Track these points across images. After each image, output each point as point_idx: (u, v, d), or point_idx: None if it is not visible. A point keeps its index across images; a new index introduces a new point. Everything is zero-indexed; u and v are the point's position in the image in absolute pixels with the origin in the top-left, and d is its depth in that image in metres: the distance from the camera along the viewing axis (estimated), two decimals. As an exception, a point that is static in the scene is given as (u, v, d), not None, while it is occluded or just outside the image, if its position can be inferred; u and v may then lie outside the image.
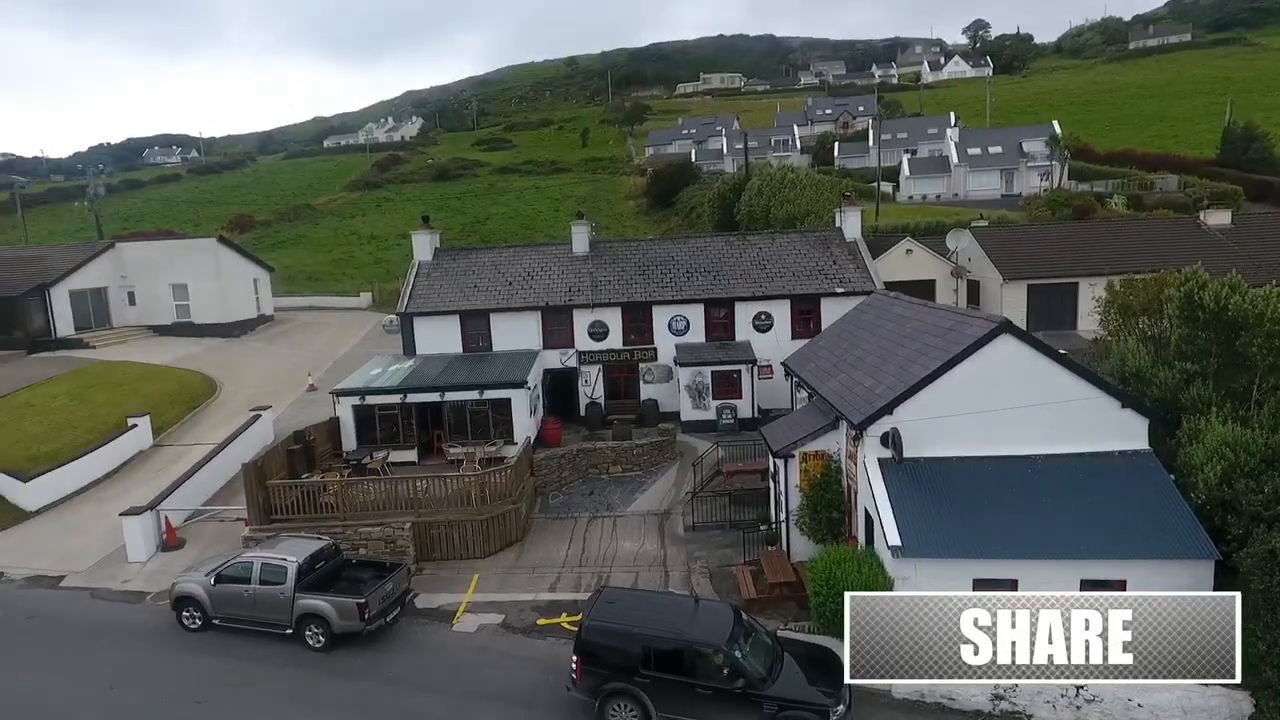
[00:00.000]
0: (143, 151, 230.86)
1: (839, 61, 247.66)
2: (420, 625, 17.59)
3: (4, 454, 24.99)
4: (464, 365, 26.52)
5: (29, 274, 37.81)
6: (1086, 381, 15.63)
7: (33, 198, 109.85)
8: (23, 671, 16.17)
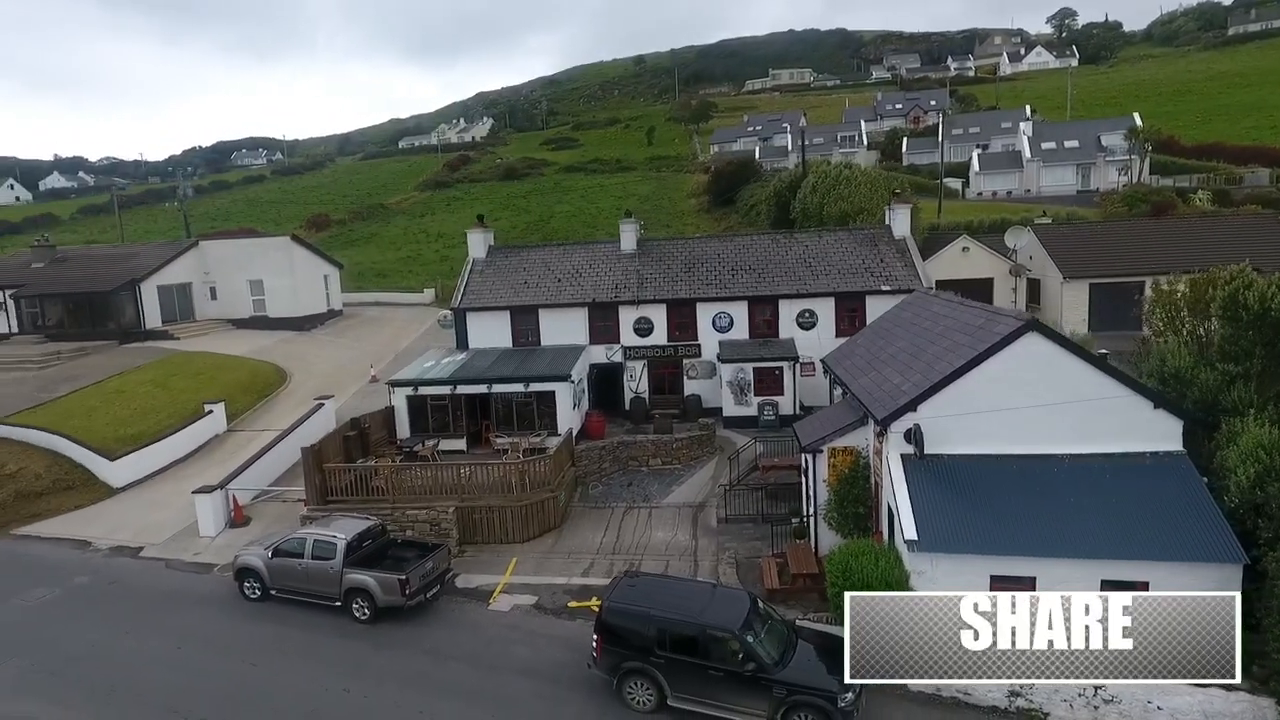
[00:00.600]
0: (231, 154, 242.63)
1: (913, 54, 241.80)
2: (459, 603, 18.57)
3: (95, 435, 27.22)
4: (512, 359, 27.55)
5: (122, 270, 40.76)
6: (1117, 381, 15.41)
7: (131, 199, 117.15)
8: (102, 630, 17.80)
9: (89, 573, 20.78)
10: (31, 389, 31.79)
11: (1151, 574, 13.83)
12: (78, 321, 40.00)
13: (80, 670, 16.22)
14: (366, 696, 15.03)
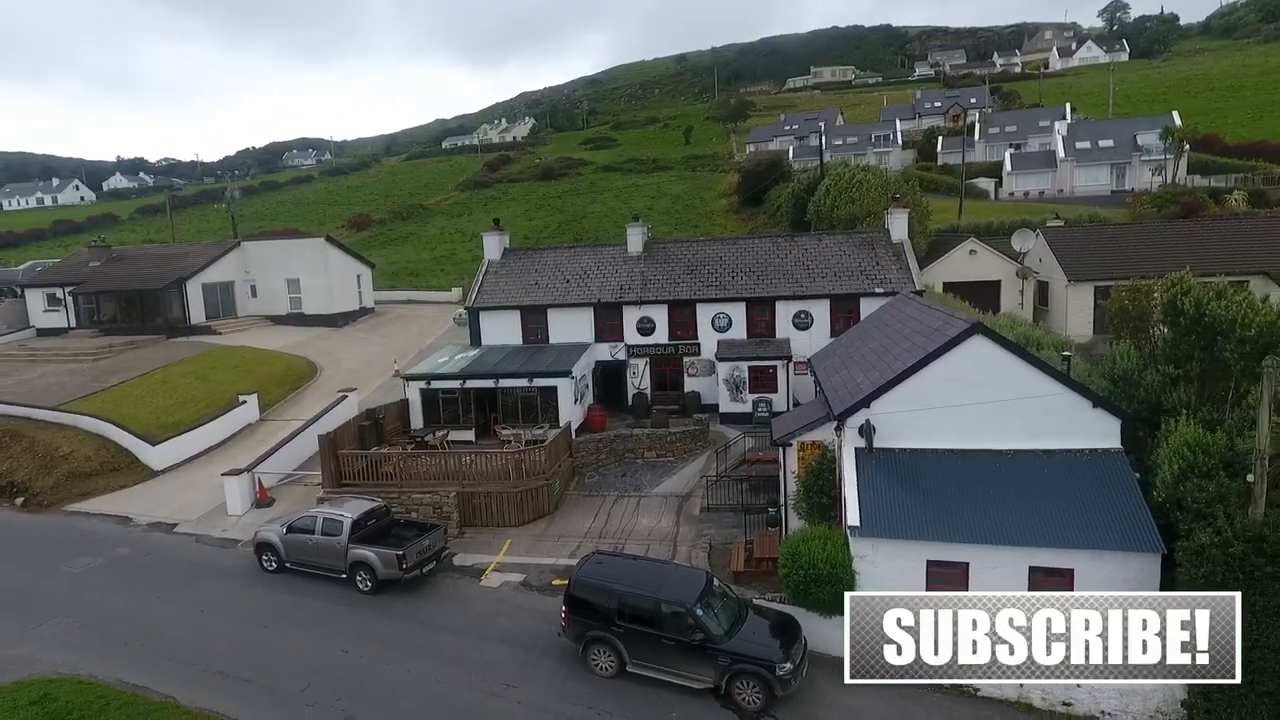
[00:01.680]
0: (283, 155, 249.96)
1: (959, 50, 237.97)
2: (454, 579, 20.25)
3: (139, 422, 29.64)
4: (519, 356, 29.20)
5: (170, 270, 43.57)
6: (1058, 382, 16.34)
7: (185, 199, 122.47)
8: (137, 594, 19.90)
9: (128, 545, 23.00)
10: (86, 379, 34.46)
11: (1076, 562, 14.80)
12: (129, 317, 42.93)
13: (116, 628, 18.29)
14: (362, 657, 16.76)
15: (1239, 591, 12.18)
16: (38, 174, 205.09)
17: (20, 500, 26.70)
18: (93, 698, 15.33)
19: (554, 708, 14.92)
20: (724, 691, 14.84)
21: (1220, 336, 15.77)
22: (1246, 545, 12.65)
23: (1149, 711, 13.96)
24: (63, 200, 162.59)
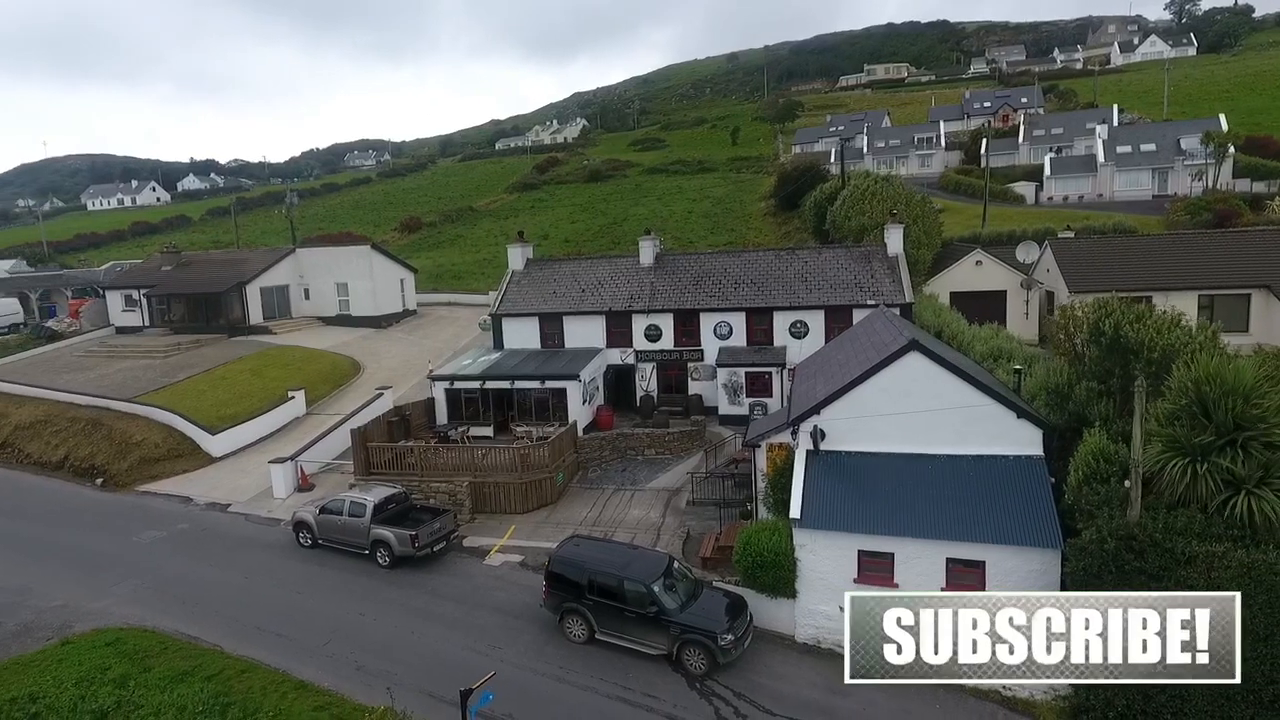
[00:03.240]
0: (344, 156, 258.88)
1: (1018, 46, 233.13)
2: (462, 558, 23.05)
3: (202, 414, 33.33)
4: (535, 359, 31.91)
5: (232, 274, 47.67)
6: (985, 394, 18.21)
7: (250, 201, 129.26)
8: (194, 563, 23.22)
9: (188, 521, 26.48)
10: (157, 374, 38.48)
11: (987, 555, 16.74)
12: (195, 317, 47.15)
13: (175, 590, 21.57)
14: (376, 619, 19.65)
15: (1238, 591, 12.04)
16: (119, 175, 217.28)
17: (100, 481, 30.55)
18: (154, 643, 18.53)
19: (530, 666, 17.52)
20: (675, 658, 17.25)
21: (1133, 356, 17.43)
22: (1118, 543, 14.49)
23: (1043, 687, 15.82)
24: (140, 201, 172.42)
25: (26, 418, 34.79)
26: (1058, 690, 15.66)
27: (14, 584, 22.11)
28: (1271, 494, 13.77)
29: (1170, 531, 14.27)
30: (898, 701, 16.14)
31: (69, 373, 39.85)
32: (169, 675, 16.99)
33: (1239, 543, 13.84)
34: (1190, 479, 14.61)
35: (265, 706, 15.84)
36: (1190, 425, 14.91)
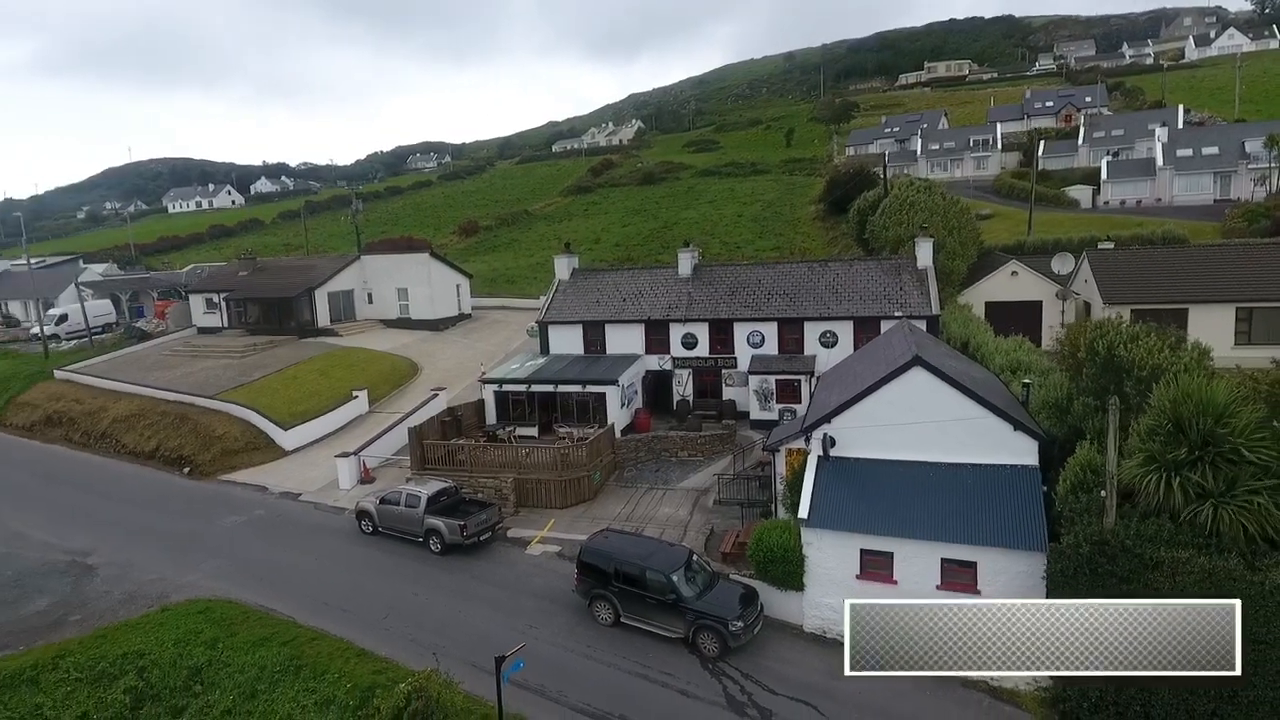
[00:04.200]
0: (407, 158, 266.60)
1: (1087, 41, 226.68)
2: (506, 547, 25.32)
3: (275, 411, 36.47)
4: (578, 364, 34.06)
5: (302, 279, 51.18)
6: (984, 407, 19.56)
7: (318, 205, 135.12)
8: (270, 546, 26.05)
9: (264, 508, 29.43)
10: (235, 373, 41.92)
11: (979, 556, 18.15)
12: (269, 320, 50.78)
13: (253, 569, 24.37)
14: (427, 599, 22.04)
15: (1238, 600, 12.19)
16: (197, 179, 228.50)
17: (186, 470, 33.87)
18: (237, 613, 21.25)
19: (562, 644, 19.63)
20: (691, 641, 19.13)
21: (1125, 374, 18.57)
22: (1092, 547, 15.82)
23: (1026, 679, 17.19)
24: (217, 204, 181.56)
25: (123, 411, 38.53)
26: (1039, 682, 17.02)
27: (120, 559, 25.30)
28: (1234, 506, 14.91)
29: (1140, 538, 15.53)
30: (893, 687, 17.69)
31: (158, 370, 43.67)
32: (251, 640, 19.64)
33: (1202, 550, 15.04)
34: (1164, 491, 15.82)
35: (332, 669, 18.30)
36: (1166, 441, 16.09)
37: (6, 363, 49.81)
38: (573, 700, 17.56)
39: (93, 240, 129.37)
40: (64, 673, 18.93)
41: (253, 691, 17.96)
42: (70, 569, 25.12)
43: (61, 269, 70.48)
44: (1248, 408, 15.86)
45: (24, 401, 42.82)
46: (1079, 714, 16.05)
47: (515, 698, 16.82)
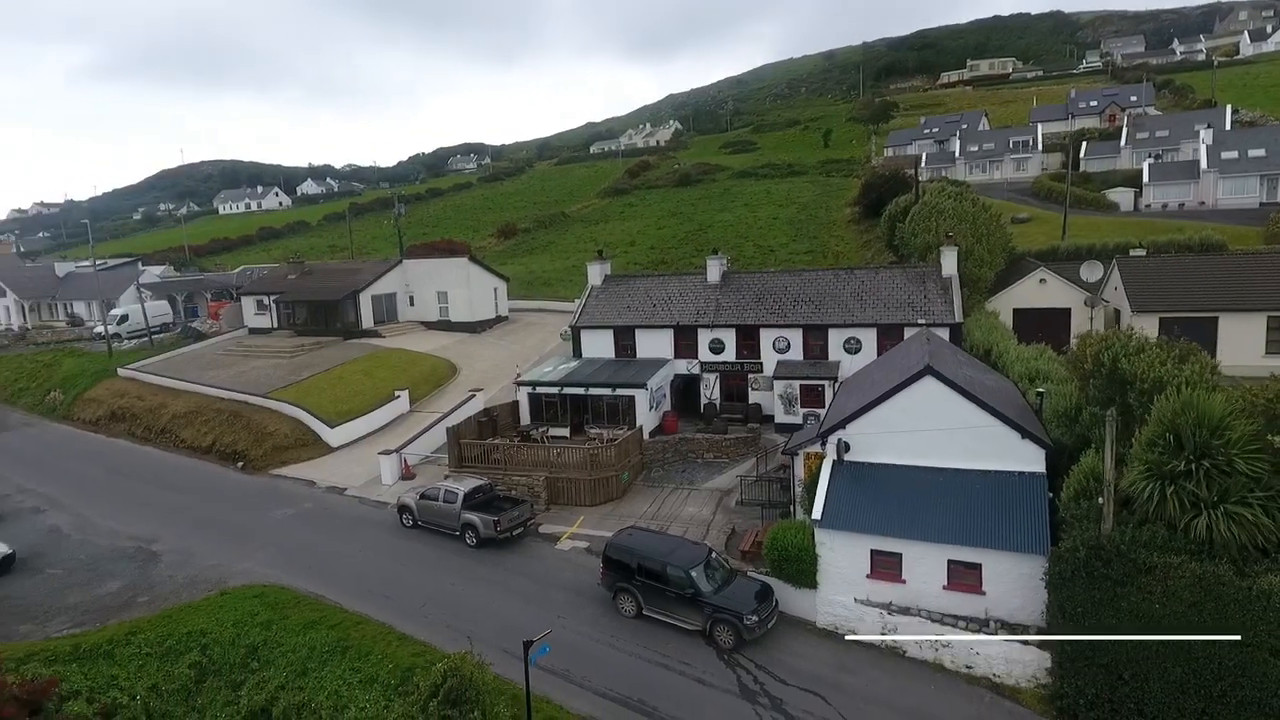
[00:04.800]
0: (448, 160, 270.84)
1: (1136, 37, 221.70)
2: (537, 542, 26.71)
3: (322, 409, 38.43)
4: (608, 368, 35.35)
5: (348, 283, 53.33)
6: (993, 416, 20.34)
7: (362, 207, 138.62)
8: (317, 536, 27.79)
9: (312, 501, 31.28)
10: (285, 372, 44.10)
11: (983, 558, 19.00)
12: (316, 321, 53.04)
13: (303, 558, 26.11)
14: (463, 589, 23.51)
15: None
16: (245, 181, 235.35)
17: (240, 464, 35.96)
18: (289, 598, 22.95)
19: (587, 634, 20.93)
20: (708, 633, 20.27)
21: (1128, 386, 19.21)
22: (1088, 551, 16.60)
23: (1027, 676, 18.01)
24: (265, 205, 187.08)
25: (181, 408, 40.89)
26: (1039, 679, 17.82)
27: (182, 546, 27.29)
28: (1225, 515, 15.58)
29: (1135, 544, 16.28)
30: (898, 681, 18.70)
31: (213, 369, 46.08)
32: (302, 622, 21.30)
33: (1194, 556, 15.74)
34: (1161, 499, 16.53)
35: (375, 651, 19.84)
36: (1164, 451, 16.78)
37: (74, 360, 52.85)
38: (596, 685, 18.84)
39: (149, 241, 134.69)
40: (136, 648, 20.77)
41: (304, 669, 19.56)
42: (137, 555, 27.17)
43: (122, 271, 73.95)
44: (1244, 421, 16.47)
45: (90, 398, 45.57)
46: (1076, 710, 16.82)
47: (543, 681, 18.18)
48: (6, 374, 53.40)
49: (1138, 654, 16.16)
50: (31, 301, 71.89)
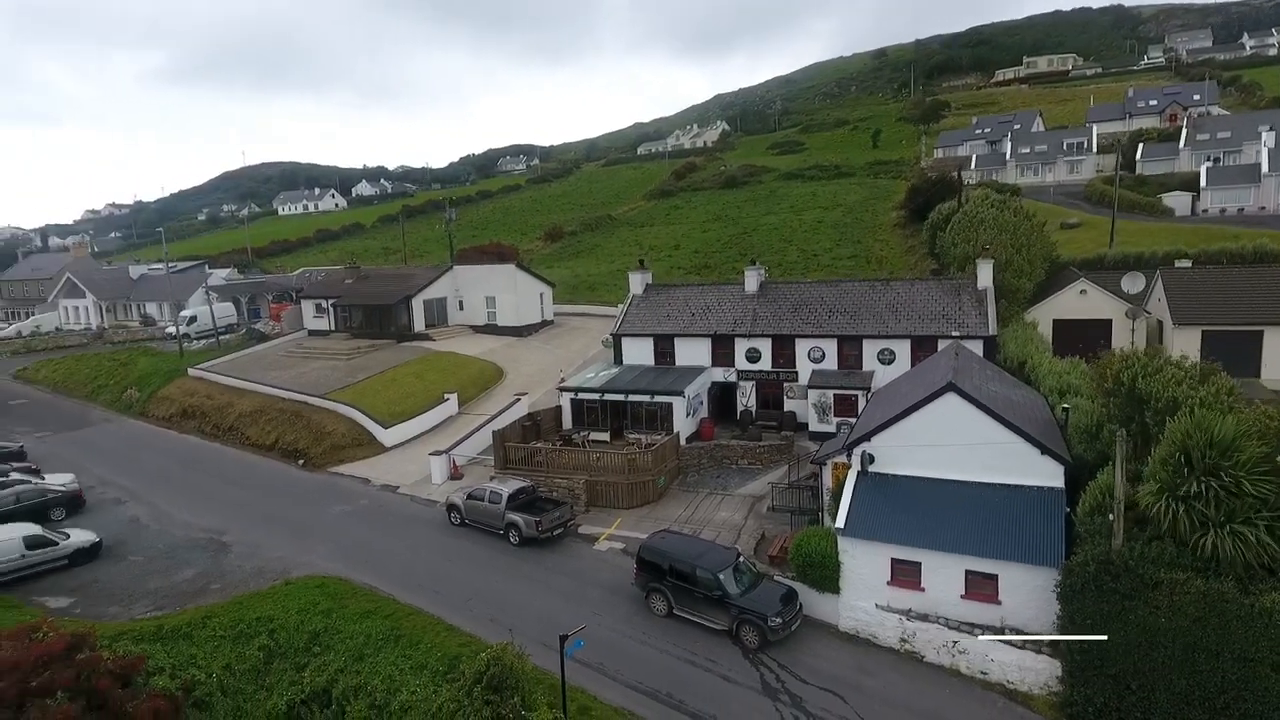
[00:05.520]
0: (498, 160, 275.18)
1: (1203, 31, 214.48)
2: (576, 542, 28.16)
3: (377, 410, 40.54)
4: (648, 375, 36.66)
5: (401, 288, 55.70)
6: (1014, 432, 21.06)
7: (415, 209, 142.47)
8: (372, 532, 29.70)
9: (368, 499, 33.27)
10: (342, 374, 46.43)
11: (1000, 569, 19.82)
12: (371, 324, 55.49)
13: (358, 552, 27.99)
14: (505, 585, 25.08)
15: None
16: (303, 183, 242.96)
17: (301, 462, 38.24)
18: (346, 589, 24.79)
19: (621, 630, 22.27)
20: (734, 633, 21.43)
21: (1145, 405, 19.77)
22: (1098, 566, 17.32)
23: (1040, 683, 18.76)
24: (322, 207, 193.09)
25: (247, 408, 43.48)
26: (1051, 687, 18.57)
27: (249, 539, 29.47)
28: (1231, 534, 16.17)
29: (1143, 560, 16.97)
30: (915, 685, 19.63)
31: (275, 370, 48.71)
32: (358, 612, 23.09)
33: (1200, 573, 16.36)
34: (1172, 517, 17.16)
35: (425, 640, 21.49)
36: (1176, 470, 17.39)
37: (148, 360, 56.26)
38: (627, 678, 20.17)
39: (213, 242, 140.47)
40: (211, 631, 22.79)
41: (360, 655, 21.29)
42: (209, 545, 29.42)
43: (190, 274, 77.95)
44: (1255, 443, 16.99)
45: (164, 396, 48.61)
46: (1085, 717, 17.58)
47: (578, 673, 19.58)
48: (87, 371, 57.05)
49: (1145, 665, 16.86)
50: (108, 302, 76.28)
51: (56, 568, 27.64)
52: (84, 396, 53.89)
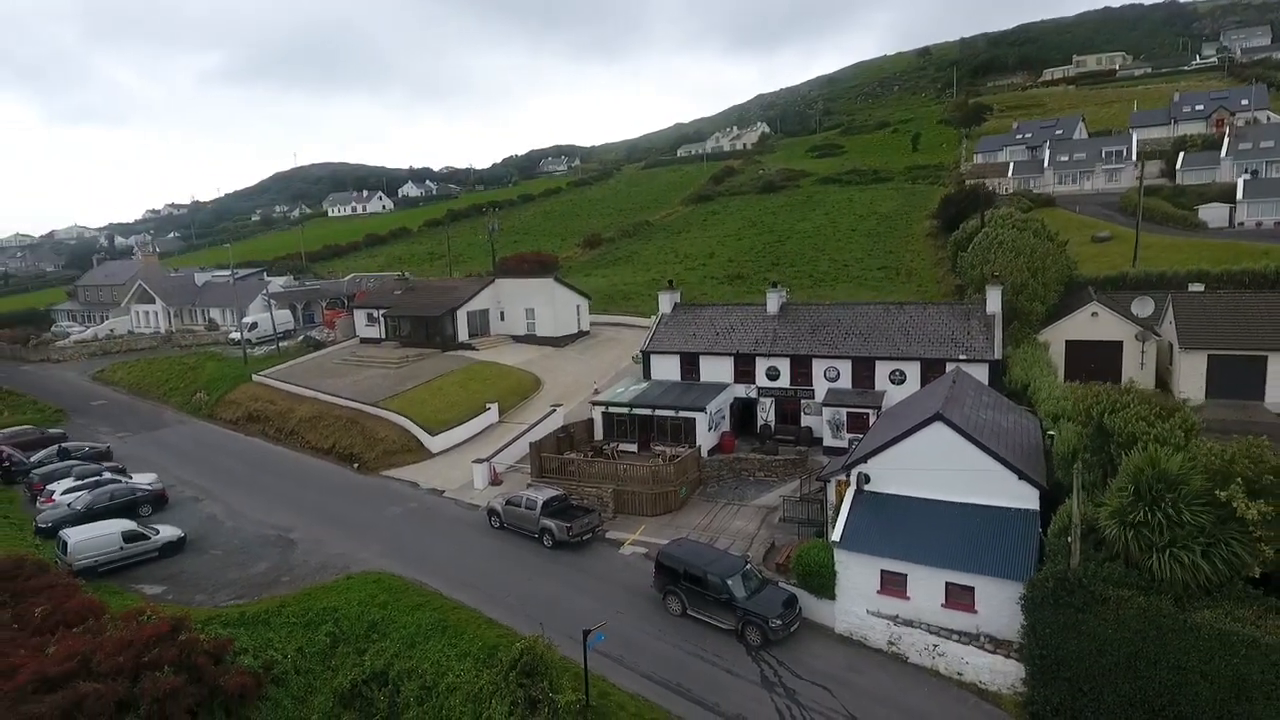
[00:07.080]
0: (540, 162, 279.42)
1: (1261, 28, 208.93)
2: (603, 546, 31.09)
3: (424, 418, 43.99)
4: (673, 390, 39.41)
5: (447, 300, 59.30)
6: (994, 459, 23.37)
7: (459, 212, 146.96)
8: (420, 532, 33.00)
9: (416, 501, 36.65)
10: (392, 382, 50.05)
11: (976, 582, 22.17)
12: (418, 334, 59.19)
13: (407, 551, 31.28)
14: (539, 584, 28.10)
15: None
16: (351, 184, 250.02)
17: (356, 465, 41.84)
18: (399, 584, 28.06)
19: (640, 627, 25.12)
20: (739, 632, 24.13)
21: (1109, 438, 21.92)
22: (1055, 582, 19.63)
23: (1007, 685, 21.11)
24: (370, 209, 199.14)
25: (306, 413, 47.33)
26: (1016, 688, 20.92)
27: (313, 536, 33.01)
28: (1171, 557, 18.36)
29: (1095, 578, 19.25)
30: (899, 682, 22.13)
31: (331, 378, 52.59)
32: (410, 605, 26.32)
33: (1143, 591, 18.60)
34: (1124, 540, 19.39)
35: (468, 631, 24.60)
36: (1127, 499, 19.60)
37: (215, 365, 60.79)
38: (643, 669, 23.03)
39: (267, 245, 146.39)
40: (285, 618, 26.23)
41: (413, 642, 24.48)
42: (278, 541, 33.02)
43: (250, 281, 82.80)
44: (1201, 477, 19.12)
45: (230, 400, 52.85)
46: (1045, 715, 19.93)
47: (599, 663, 22.46)
48: (159, 374, 61.83)
49: (1095, 670, 19.15)
50: (176, 308, 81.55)
51: (148, 559, 31.46)
52: (157, 398, 58.54)
